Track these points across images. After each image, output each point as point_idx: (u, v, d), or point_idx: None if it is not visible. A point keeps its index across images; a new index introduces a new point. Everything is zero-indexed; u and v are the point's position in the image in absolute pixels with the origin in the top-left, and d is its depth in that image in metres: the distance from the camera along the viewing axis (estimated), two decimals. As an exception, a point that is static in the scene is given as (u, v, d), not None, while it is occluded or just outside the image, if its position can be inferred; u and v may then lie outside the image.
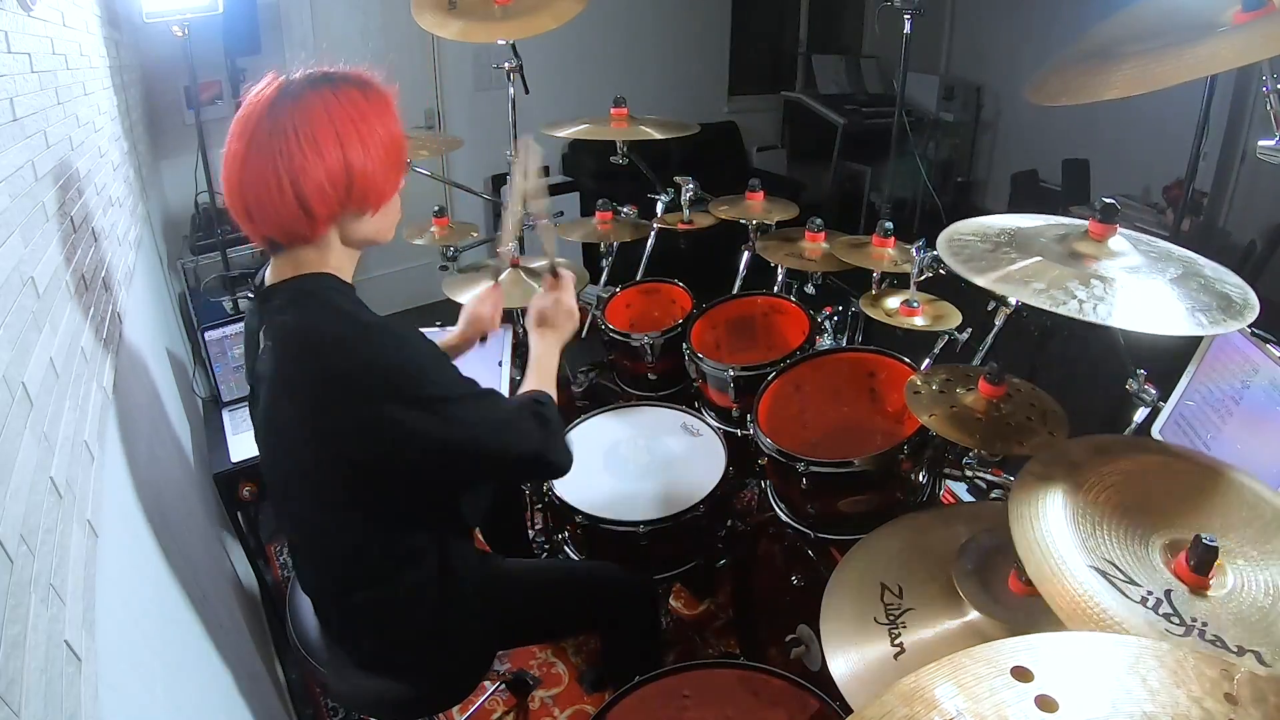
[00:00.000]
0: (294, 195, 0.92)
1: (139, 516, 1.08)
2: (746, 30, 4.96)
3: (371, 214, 1.00)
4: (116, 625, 0.81)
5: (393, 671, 1.19)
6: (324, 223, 0.96)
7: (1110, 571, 0.81)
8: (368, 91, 0.97)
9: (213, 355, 1.95)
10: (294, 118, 0.91)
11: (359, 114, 0.94)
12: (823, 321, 1.98)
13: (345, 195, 0.95)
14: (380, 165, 0.96)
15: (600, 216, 2.30)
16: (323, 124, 0.91)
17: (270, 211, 0.93)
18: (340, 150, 0.92)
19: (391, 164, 0.99)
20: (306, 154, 0.90)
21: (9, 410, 0.70)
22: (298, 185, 0.91)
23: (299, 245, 0.99)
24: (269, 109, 0.92)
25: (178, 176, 3.06)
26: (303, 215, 0.94)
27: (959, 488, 1.88)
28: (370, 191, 0.97)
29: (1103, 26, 1.27)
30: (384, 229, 1.05)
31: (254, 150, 0.92)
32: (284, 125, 0.90)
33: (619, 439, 1.76)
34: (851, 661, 1.03)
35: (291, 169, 0.91)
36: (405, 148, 1.02)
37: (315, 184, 0.92)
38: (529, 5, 2.02)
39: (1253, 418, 1.19)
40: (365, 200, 0.98)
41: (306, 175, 0.91)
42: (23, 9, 1.17)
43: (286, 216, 0.93)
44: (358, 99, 0.95)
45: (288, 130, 0.90)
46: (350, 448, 0.97)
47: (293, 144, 0.90)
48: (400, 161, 1.01)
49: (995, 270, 1.09)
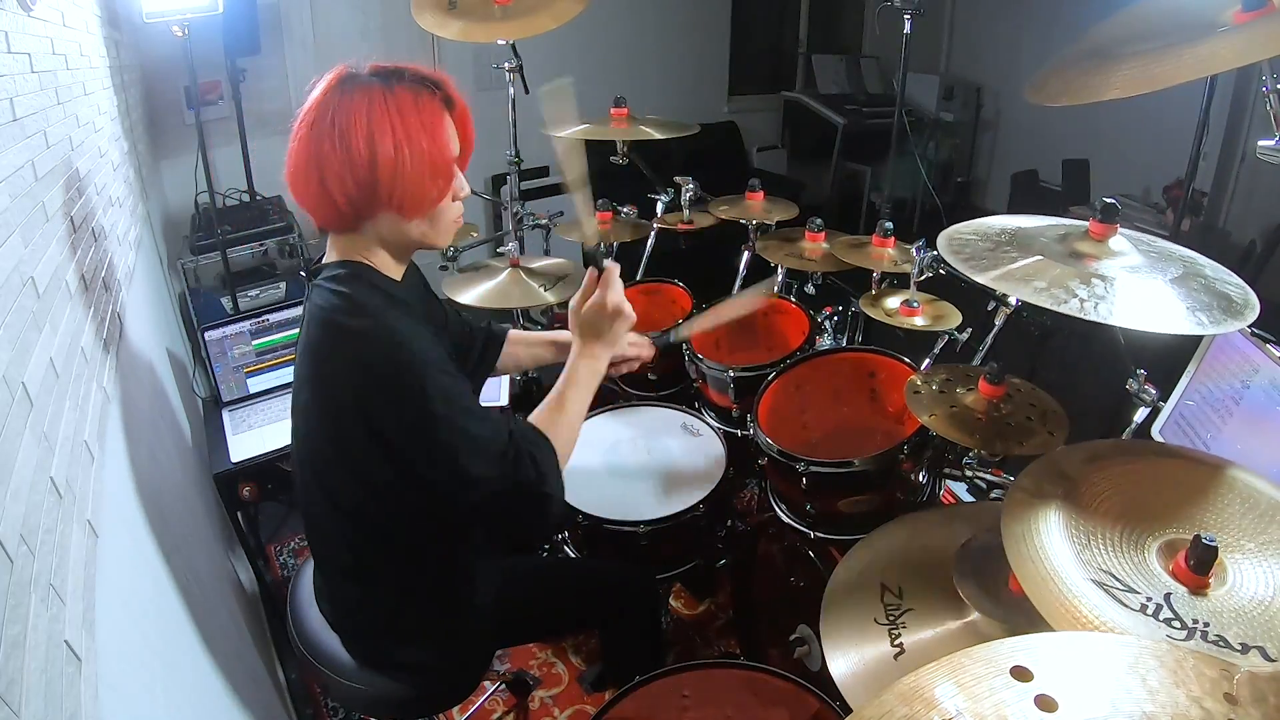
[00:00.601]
0: (320, 186, 0.94)
1: (139, 517, 1.08)
2: (746, 30, 4.96)
3: (408, 219, 0.99)
4: (116, 625, 0.81)
5: (392, 669, 1.19)
6: (350, 217, 0.98)
7: (1108, 582, 0.80)
8: (420, 98, 0.96)
9: (213, 355, 1.95)
10: (336, 111, 0.93)
11: (399, 116, 0.93)
12: (823, 321, 1.98)
13: (370, 193, 0.95)
14: (413, 170, 0.95)
15: (600, 216, 2.30)
16: (358, 119, 0.92)
17: (308, 197, 0.97)
18: (367, 147, 0.92)
19: (429, 172, 0.97)
20: (336, 148, 0.92)
21: (9, 410, 0.70)
22: (324, 176, 0.94)
23: (345, 232, 1.01)
24: (324, 97, 0.94)
25: (178, 176, 3.06)
26: (329, 204, 0.96)
27: (959, 488, 1.87)
28: (402, 194, 0.96)
29: (1103, 26, 1.27)
30: (429, 234, 1.03)
31: (302, 135, 0.95)
32: (326, 116, 0.93)
33: (619, 439, 1.76)
34: (851, 661, 1.03)
35: (320, 160, 0.93)
36: (451, 157, 1.00)
37: (338, 178, 0.93)
38: (529, 5, 2.02)
39: (1253, 418, 1.19)
40: (398, 203, 0.96)
41: (329, 165, 0.93)
42: (23, 9, 1.17)
43: (312, 202, 0.97)
44: (407, 102, 0.95)
45: (326, 121, 0.93)
46: (349, 432, 0.98)
47: (325, 136, 0.92)
48: (444, 170, 0.99)
49: (996, 268, 1.09)
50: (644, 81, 4.45)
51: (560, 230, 2.38)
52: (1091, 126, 4.30)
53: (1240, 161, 3.82)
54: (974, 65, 5.10)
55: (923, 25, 2.59)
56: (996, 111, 5.10)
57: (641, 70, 4.49)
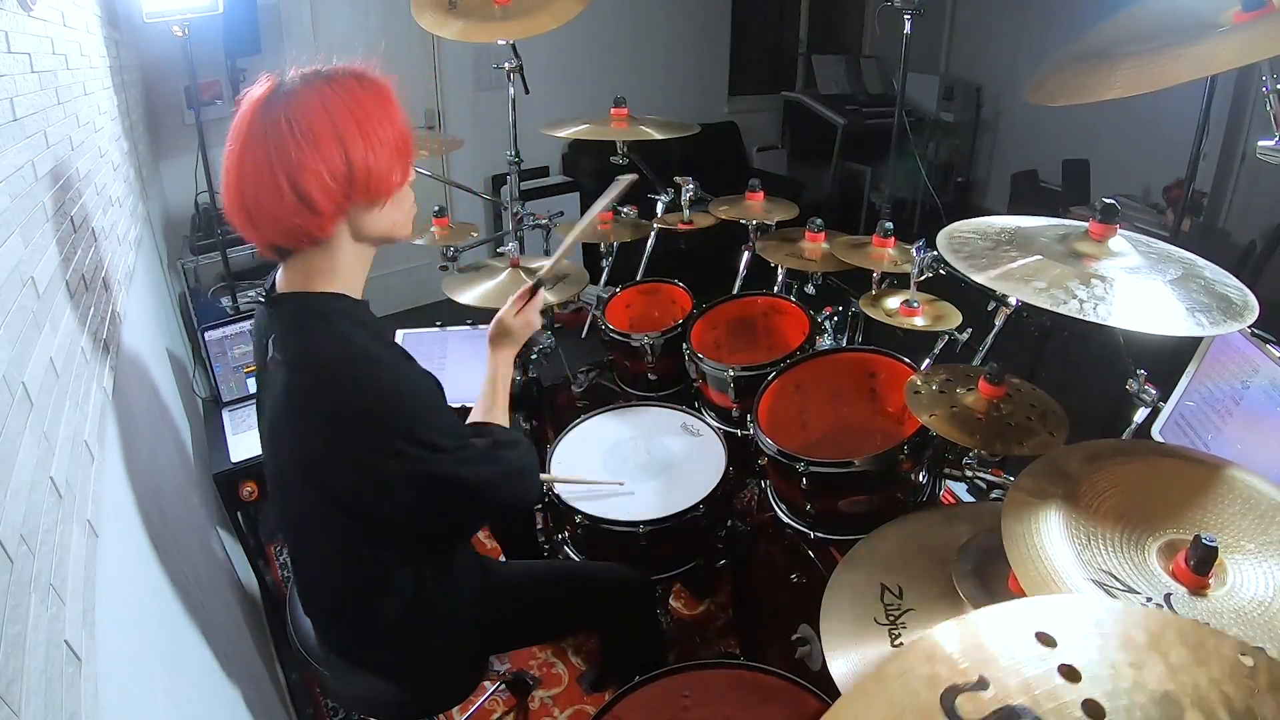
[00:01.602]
0: (293, 192, 0.89)
1: (139, 517, 1.08)
2: (746, 30, 4.96)
3: (382, 206, 0.98)
4: (116, 625, 0.81)
5: (389, 675, 1.19)
6: (331, 218, 0.94)
7: (1108, 582, 0.80)
8: (363, 81, 0.94)
9: (213, 355, 1.95)
10: (288, 113, 0.89)
11: (355, 104, 0.92)
12: (823, 321, 1.98)
13: (349, 187, 0.92)
14: (383, 154, 0.94)
15: (600, 216, 2.29)
16: (319, 117, 0.89)
17: (270, 213, 0.91)
18: (338, 142, 0.90)
19: (395, 152, 0.96)
20: (304, 148, 0.88)
21: (9, 410, 0.70)
22: (296, 181, 0.89)
23: (307, 247, 0.96)
24: (262, 108, 0.90)
25: (178, 176, 3.06)
26: (305, 211, 0.91)
27: (959, 488, 1.87)
28: (376, 181, 0.94)
29: (1102, 26, 1.27)
30: (399, 222, 1.03)
31: (249, 151, 0.90)
32: (278, 122, 0.88)
33: (619, 439, 1.76)
34: (851, 661, 1.03)
35: (288, 165, 0.88)
36: (409, 135, 0.99)
37: (315, 178, 0.89)
38: (529, 5, 2.02)
39: (1253, 418, 1.19)
40: (371, 191, 0.95)
41: (305, 170, 0.89)
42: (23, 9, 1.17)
43: (287, 215, 0.91)
44: (354, 89, 0.93)
45: (281, 127, 0.88)
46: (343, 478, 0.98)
47: (287, 140, 0.88)
48: (405, 150, 0.98)
49: (996, 268, 1.09)
50: (644, 81, 4.45)
51: (560, 230, 2.38)
52: (1091, 126, 4.30)
53: (1240, 161, 3.82)
54: (974, 65, 5.10)
55: (923, 25, 2.59)
56: (996, 111, 5.10)
57: (641, 70, 4.49)
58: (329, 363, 0.95)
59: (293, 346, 0.98)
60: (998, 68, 4.92)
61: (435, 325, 2.10)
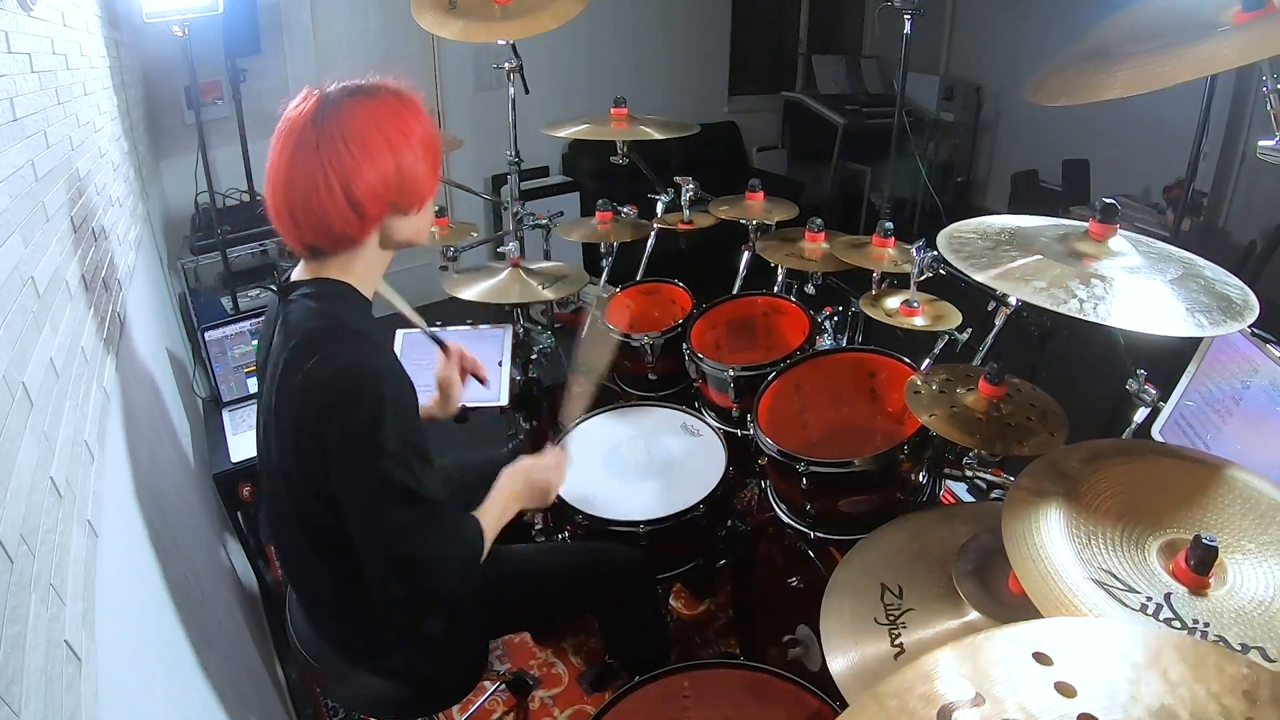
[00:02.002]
0: (345, 198, 0.96)
1: (139, 517, 1.08)
2: (746, 30, 4.96)
3: (415, 213, 1.06)
4: (116, 625, 0.81)
5: (388, 673, 1.19)
6: (372, 222, 1.01)
7: (1108, 582, 0.80)
8: (401, 96, 1.02)
9: (213, 355, 1.95)
10: (340, 126, 0.95)
11: (399, 118, 0.99)
12: (823, 321, 1.98)
13: (396, 194, 1.00)
14: (425, 164, 1.02)
15: (600, 216, 2.30)
16: (372, 130, 0.96)
17: (318, 216, 0.97)
18: (391, 153, 0.98)
19: (433, 162, 1.04)
20: (359, 159, 0.96)
21: (9, 410, 0.70)
22: (349, 189, 0.96)
23: (342, 250, 1.03)
24: (312, 119, 0.96)
25: (178, 176, 3.06)
26: (354, 217, 0.98)
27: (959, 488, 1.87)
28: (416, 190, 1.03)
29: (1103, 26, 1.27)
30: (421, 229, 1.10)
31: (300, 159, 0.96)
32: (331, 133, 0.95)
33: (619, 439, 1.76)
34: (851, 661, 1.03)
35: (343, 174, 0.95)
36: (441, 146, 1.07)
37: (368, 186, 0.97)
38: (529, 5, 2.02)
39: (1253, 418, 1.18)
40: (410, 199, 1.03)
41: (359, 178, 0.96)
42: (23, 9, 1.17)
43: (337, 219, 0.98)
44: (395, 104, 1.00)
45: (335, 138, 0.95)
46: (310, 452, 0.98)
47: (342, 150, 0.95)
48: (439, 159, 1.06)
49: (996, 267, 1.09)
50: (644, 81, 4.45)
51: (560, 230, 2.38)
52: (1091, 126, 4.30)
53: (1240, 161, 3.82)
54: (974, 65, 5.10)
55: (923, 25, 2.59)
56: (996, 111, 5.10)
57: (641, 70, 4.49)
58: (314, 331, 1.00)
59: (287, 319, 1.03)
60: (998, 68, 4.93)
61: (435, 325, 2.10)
